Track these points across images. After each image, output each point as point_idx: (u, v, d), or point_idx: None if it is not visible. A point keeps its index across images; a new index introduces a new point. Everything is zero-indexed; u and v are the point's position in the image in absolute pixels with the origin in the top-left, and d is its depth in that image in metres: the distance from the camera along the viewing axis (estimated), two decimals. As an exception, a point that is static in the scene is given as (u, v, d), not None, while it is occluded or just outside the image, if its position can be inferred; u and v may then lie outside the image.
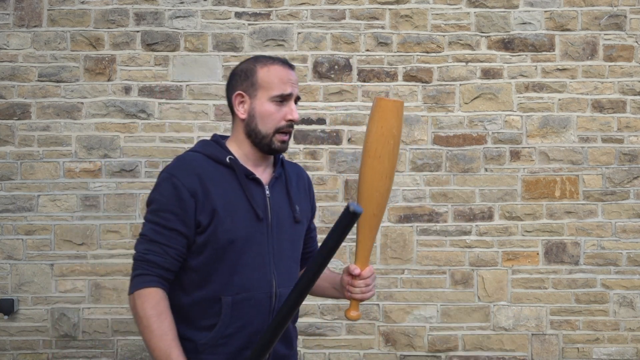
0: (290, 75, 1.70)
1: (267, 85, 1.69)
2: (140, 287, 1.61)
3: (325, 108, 3.51)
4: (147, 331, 1.58)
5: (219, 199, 1.63)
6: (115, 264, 3.46)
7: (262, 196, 1.70)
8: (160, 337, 1.57)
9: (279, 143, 1.70)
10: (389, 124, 1.52)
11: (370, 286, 1.67)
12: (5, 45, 3.47)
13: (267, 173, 1.76)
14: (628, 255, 3.50)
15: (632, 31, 3.52)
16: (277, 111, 1.68)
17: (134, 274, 1.64)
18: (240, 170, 1.69)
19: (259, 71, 1.70)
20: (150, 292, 1.60)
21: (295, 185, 1.83)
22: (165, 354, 1.55)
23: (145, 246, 1.63)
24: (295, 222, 1.76)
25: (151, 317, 1.58)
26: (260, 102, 1.69)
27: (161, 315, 1.58)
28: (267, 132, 1.69)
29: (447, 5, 3.52)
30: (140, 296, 1.60)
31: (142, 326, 1.59)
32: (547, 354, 3.49)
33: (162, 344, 1.56)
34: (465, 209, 3.51)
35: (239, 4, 3.50)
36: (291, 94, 1.69)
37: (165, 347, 1.56)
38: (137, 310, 1.60)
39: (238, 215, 1.64)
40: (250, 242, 1.65)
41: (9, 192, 3.45)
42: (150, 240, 1.63)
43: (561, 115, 3.51)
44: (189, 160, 1.68)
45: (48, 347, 3.45)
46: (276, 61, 1.72)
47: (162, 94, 3.49)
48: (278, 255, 1.70)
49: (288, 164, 1.87)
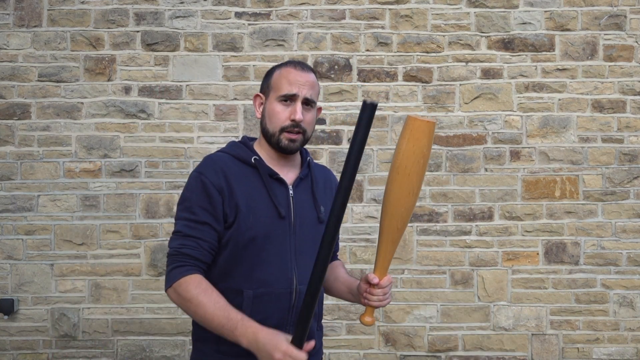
0: (299, 76, 1.76)
1: (276, 86, 1.77)
2: (178, 278, 1.64)
3: (325, 108, 3.51)
4: (199, 308, 1.61)
5: (242, 197, 1.70)
6: (115, 264, 3.46)
7: (285, 195, 1.76)
8: (214, 306, 1.60)
9: (286, 141, 1.75)
10: (420, 144, 1.54)
11: (387, 294, 1.73)
12: (5, 45, 3.47)
13: (292, 173, 1.82)
14: (628, 255, 3.50)
15: (632, 31, 3.52)
16: (283, 111, 1.75)
17: (170, 268, 1.67)
18: (264, 170, 1.76)
19: (274, 73, 1.80)
20: (189, 277, 1.64)
21: (321, 187, 1.88)
22: (224, 317, 1.58)
23: (180, 241, 1.69)
24: (320, 222, 1.81)
25: (198, 295, 1.61)
26: (270, 102, 1.78)
27: (207, 290, 1.63)
28: (274, 130, 1.76)
29: (447, 5, 3.52)
30: (180, 285, 1.64)
31: (192, 307, 1.62)
32: (547, 354, 3.49)
33: (218, 311, 1.59)
34: (465, 209, 3.51)
35: (239, 4, 3.50)
36: (296, 94, 1.74)
37: (221, 311, 1.59)
38: (182, 297, 1.63)
39: (260, 213, 1.70)
40: (271, 239, 1.71)
41: (9, 192, 3.45)
42: (184, 235, 1.69)
43: (561, 115, 3.51)
44: (216, 159, 1.75)
45: (48, 347, 3.45)
46: (291, 64, 1.79)
47: (162, 94, 3.49)
48: (300, 253, 1.75)
49: (316, 166, 1.93)
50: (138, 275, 3.46)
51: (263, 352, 1.54)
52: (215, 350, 1.72)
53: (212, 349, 1.72)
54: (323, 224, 1.81)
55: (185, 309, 1.65)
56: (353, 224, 3.49)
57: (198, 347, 1.78)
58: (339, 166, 3.50)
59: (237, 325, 1.58)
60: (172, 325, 3.47)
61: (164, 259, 3.45)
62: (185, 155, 3.48)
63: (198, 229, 1.68)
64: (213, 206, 1.68)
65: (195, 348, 1.80)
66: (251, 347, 1.56)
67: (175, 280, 1.64)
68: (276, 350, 1.52)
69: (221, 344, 1.70)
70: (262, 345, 1.54)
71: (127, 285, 3.46)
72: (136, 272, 3.46)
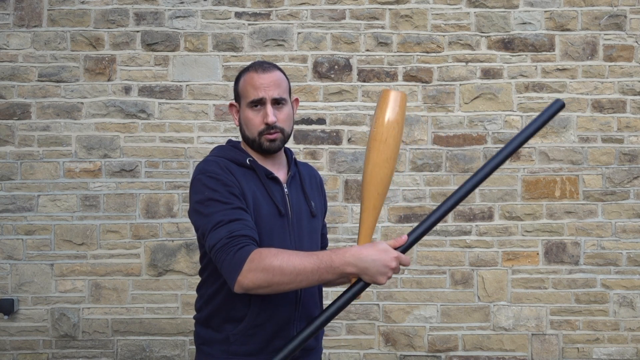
0: (261, 79, 1.75)
1: (244, 93, 1.79)
2: (247, 256, 1.55)
3: (325, 108, 3.51)
4: (287, 266, 1.52)
5: (249, 195, 1.70)
6: (115, 264, 3.46)
7: (281, 194, 1.79)
8: (298, 257, 1.55)
9: (267, 143, 1.77)
10: (395, 112, 1.71)
11: None
12: (5, 45, 3.47)
13: (282, 172, 1.85)
14: (628, 255, 3.50)
15: (632, 31, 3.52)
16: (255, 116, 1.76)
17: (232, 254, 1.56)
18: (261, 170, 1.77)
19: (240, 81, 1.82)
20: (256, 251, 1.56)
21: (309, 183, 1.92)
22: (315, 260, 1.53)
23: (226, 229, 1.59)
24: (312, 216, 1.85)
25: (275, 257, 1.53)
26: (243, 109, 1.80)
27: (279, 252, 1.56)
28: (253, 136, 1.78)
29: (447, 5, 3.52)
30: (253, 260, 1.54)
31: (278, 272, 1.52)
32: (547, 354, 3.49)
33: (305, 259, 1.54)
34: (465, 209, 3.51)
35: (239, 4, 3.50)
36: (262, 98, 1.74)
37: (307, 256, 1.55)
38: (263, 268, 1.53)
39: (263, 211, 1.72)
40: (273, 236, 1.72)
41: (9, 192, 3.45)
42: (228, 222, 1.60)
43: (561, 115, 3.51)
44: (216, 161, 1.74)
45: (48, 347, 3.45)
46: (252, 68, 1.79)
47: (162, 94, 3.49)
48: (299, 248, 1.76)
49: (300, 164, 1.95)
50: (138, 275, 3.46)
51: (377, 266, 1.53)
52: (224, 350, 1.70)
53: (221, 350, 1.71)
54: (315, 218, 1.86)
55: (270, 279, 1.53)
56: (353, 224, 3.49)
57: (204, 351, 1.75)
58: (339, 166, 3.50)
59: (332, 258, 1.54)
60: (172, 325, 3.47)
61: (163, 259, 3.45)
62: (185, 155, 3.48)
63: (237, 213, 1.62)
64: (236, 195, 1.65)
65: (200, 352, 1.77)
66: (359, 269, 1.53)
67: (244, 260, 1.54)
68: (388, 259, 1.54)
69: (231, 344, 1.69)
70: (372, 262, 1.53)
71: (127, 285, 3.46)
72: (136, 272, 3.46)
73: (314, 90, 3.51)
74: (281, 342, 1.70)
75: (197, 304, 1.82)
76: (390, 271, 1.55)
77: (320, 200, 1.94)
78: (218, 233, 1.59)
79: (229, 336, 1.70)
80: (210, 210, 1.63)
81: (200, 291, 1.81)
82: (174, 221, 3.46)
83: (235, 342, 1.69)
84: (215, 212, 1.62)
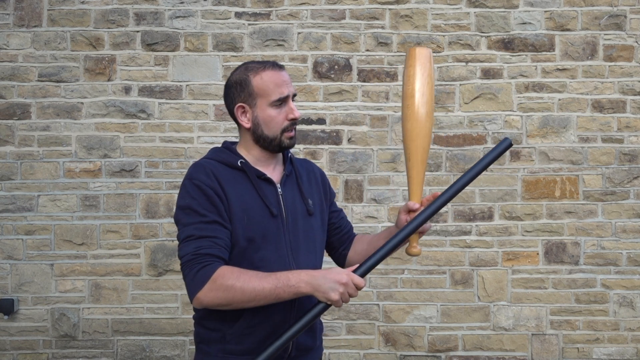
0: (282, 76, 1.77)
1: (263, 92, 1.76)
2: (210, 276, 1.60)
3: (325, 108, 3.51)
4: (247, 287, 1.59)
5: (236, 200, 1.70)
6: (115, 264, 3.46)
7: (274, 194, 1.78)
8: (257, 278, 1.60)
9: (287, 140, 1.78)
10: (426, 67, 1.78)
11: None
12: (5, 45, 3.47)
13: (277, 171, 1.84)
14: (628, 255, 3.50)
15: (632, 31, 3.52)
16: (279, 114, 1.76)
17: (195, 272, 1.61)
18: (252, 172, 1.76)
19: (252, 80, 1.78)
20: (219, 270, 1.61)
21: (306, 180, 1.90)
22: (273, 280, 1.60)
23: (195, 245, 1.64)
24: (309, 214, 1.84)
25: (237, 278, 1.60)
26: (261, 109, 1.77)
27: (241, 272, 1.62)
28: (275, 134, 1.77)
29: (447, 5, 3.53)
30: (216, 280, 1.60)
31: (238, 291, 1.59)
32: (547, 354, 3.49)
33: (264, 279, 1.60)
34: (465, 209, 3.51)
35: (239, 4, 3.51)
36: (288, 96, 1.76)
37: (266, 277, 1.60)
38: (223, 287, 1.59)
39: (253, 213, 1.72)
40: (268, 238, 1.72)
41: (9, 192, 3.45)
42: (198, 237, 1.65)
43: (561, 115, 3.51)
44: (204, 164, 1.75)
45: (48, 347, 3.45)
46: (266, 66, 1.78)
47: (162, 94, 3.49)
48: (295, 247, 1.77)
49: (297, 160, 1.95)
50: (138, 275, 3.46)
51: (328, 282, 1.59)
52: (221, 349, 1.72)
53: (217, 349, 1.73)
54: (313, 217, 1.85)
55: (230, 298, 1.60)
56: (353, 223, 3.47)
57: (202, 349, 1.78)
58: (339, 166, 3.50)
59: (289, 277, 1.60)
60: (172, 325, 3.47)
61: (163, 259, 3.45)
62: (185, 155, 3.48)
63: (209, 229, 1.65)
64: (215, 206, 1.67)
65: (198, 350, 1.80)
66: (312, 286, 1.59)
67: (206, 280, 1.59)
68: (339, 274, 1.59)
69: (226, 343, 1.71)
70: (322, 278, 1.59)
71: (127, 285, 3.46)
72: (136, 272, 3.46)
73: (314, 90, 3.51)
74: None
75: None
76: (340, 286, 1.59)
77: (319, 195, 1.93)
78: (187, 247, 1.65)
79: (225, 335, 1.71)
80: (186, 220, 1.68)
81: None
82: (174, 221, 3.46)
83: (231, 341, 1.70)
84: (190, 223, 1.67)
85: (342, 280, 1.59)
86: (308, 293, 1.60)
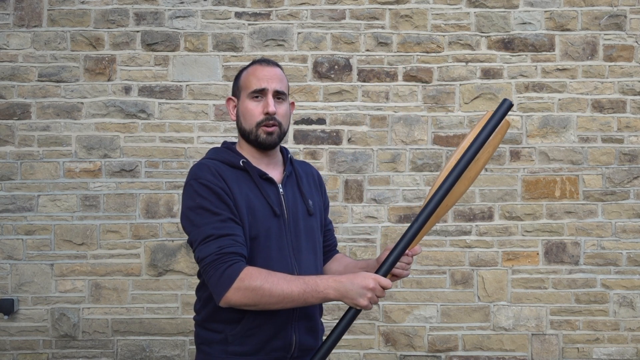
0: (265, 71, 1.78)
1: (245, 85, 1.80)
2: (237, 275, 1.59)
3: (325, 108, 3.51)
4: (275, 288, 1.58)
5: (241, 199, 1.70)
6: (115, 264, 3.46)
7: (276, 194, 1.78)
8: (286, 280, 1.60)
9: (264, 135, 1.77)
10: (497, 138, 1.74)
11: (409, 266, 1.86)
12: (5, 45, 3.47)
13: (277, 172, 1.85)
14: (628, 255, 3.50)
15: (632, 31, 3.52)
16: (256, 107, 1.77)
17: (221, 271, 1.60)
18: (254, 172, 1.77)
19: (242, 75, 1.83)
20: (246, 270, 1.60)
21: (305, 181, 1.91)
22: (302, 284, 1.60)
23: (216, 244, 1.62)
24: (309, 214, 1.84)
25: (266, 279, 1.59)
26: (242, 101, 1.81)
27: (269, 273, 1.61)
28: (250, 127, 1.78)
29: (447, 5, 3.52)
30: (243, 280, 1.59)
31: (266, 292, 1.58)
32: (547, 354, 3.49)
33: (292, 282, 1.60)
34: (465, 209, 3.51)
35: (239, 4, 3.51)
36: (265, 89, 1.76)
37: (295, 280, 1.60)
38: (251, 288, 1.58)
39: (258, 213, 1.72)
40: (270, 237, 1.72)
41: (9, 192, 3.45)
42: (218, 236, 1.63)
43: (561, 115, 3.51)
44: (208, 165, 1.74)
45: (48, 347, 3.45)
46: (257, 62, 1.82)
47: (162, 94, 3.49)
48: (297, 247, 1.78)
49: (297, 162, 1.95)
50: (138, 275, 3.46)
51: (355, 288, 1.58)
52: (223, 350, 1.72)
53: (219, 350, 1.72)
54: (313, 217, 1.86)
55: (257, 299, 1.59)
56: (353, 224, 3.49)
57: (204, 350, 1.77)
58: (339, 166, 3.50)
59: (317, 282, 1.60)
60: (172, 325, 3.47)
61: (163, 259, 3.45)
62: (185, 155, 3.48)
63: (227, 227, 1.64)
64: (227, 204, 1.66)
65: (200, 351, 1.79)
66: (340, 293, 1.59)
67: (234, 279, 1.58)
68: (365, 279, 1.59)
69: (229, 344, 1.70)
70: (350, 284, 1.59)
71: (127, 285, 3.46)
72: (136, 272, 3.46)
73: (314, 90, 3.51)
74: (279, 343, 1.71)
75: (196, 305, 1.83)
76: (368, 291, 1.59)
77: (318, 197, 1.93)
78: (208, 247, 1.62)
79: (228, 337, 1.71)
80: (200, 220, 1.65)
81: (199, 293, 1.81)
82: (174, 221, 3.46)
83: (234, 342, 1.70)
84: (206, 223, 1.64)
85: (370, 285, 1.59)
86: (336, 299, 1.60)
